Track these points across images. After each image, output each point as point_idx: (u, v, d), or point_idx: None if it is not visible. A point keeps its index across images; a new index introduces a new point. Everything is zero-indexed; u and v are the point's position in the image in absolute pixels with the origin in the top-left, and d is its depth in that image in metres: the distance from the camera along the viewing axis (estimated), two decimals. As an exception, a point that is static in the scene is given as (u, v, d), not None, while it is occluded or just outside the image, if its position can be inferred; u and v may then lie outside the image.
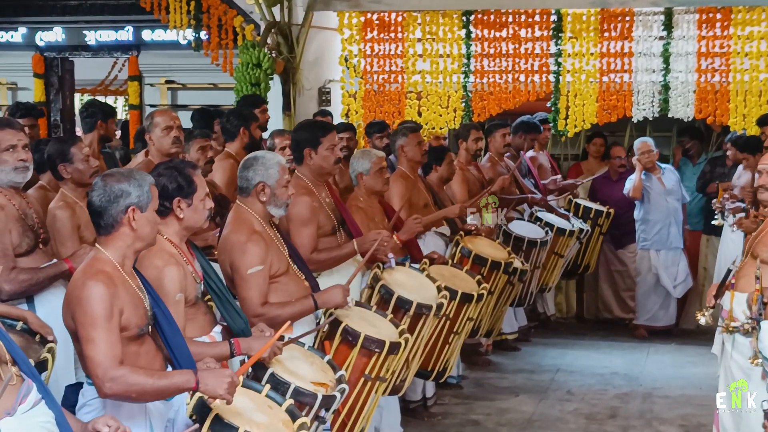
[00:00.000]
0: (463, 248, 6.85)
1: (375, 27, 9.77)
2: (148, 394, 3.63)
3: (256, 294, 4.73)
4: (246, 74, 9.65)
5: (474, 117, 9.64)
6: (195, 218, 4.24)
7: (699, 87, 9.14)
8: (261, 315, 4.66)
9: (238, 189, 4.95)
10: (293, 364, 4.27)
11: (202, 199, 4.24)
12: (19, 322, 4.40)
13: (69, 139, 5.72)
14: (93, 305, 3.56)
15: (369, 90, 9.88)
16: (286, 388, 3.98)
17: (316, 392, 4.07)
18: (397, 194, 6.86)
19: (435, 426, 6.87)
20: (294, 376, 4.13)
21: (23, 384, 3.15)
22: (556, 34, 9.37)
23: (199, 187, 4.23)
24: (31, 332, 4.37)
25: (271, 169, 4.85)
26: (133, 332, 3.70)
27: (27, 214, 4.94)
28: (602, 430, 6.82)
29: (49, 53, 12.90)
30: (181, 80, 13.00)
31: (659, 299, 9.47)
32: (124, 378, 3.54)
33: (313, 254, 5.50)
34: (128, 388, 3.55)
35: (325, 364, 4.43)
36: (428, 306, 5.49)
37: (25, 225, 4.88)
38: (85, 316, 3.57)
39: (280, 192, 4.86)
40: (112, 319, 3.58)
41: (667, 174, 9.38)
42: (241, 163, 4.99)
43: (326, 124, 6.17)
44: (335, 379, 4.33)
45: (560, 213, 8.75)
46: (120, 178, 3.77)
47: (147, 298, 3.81)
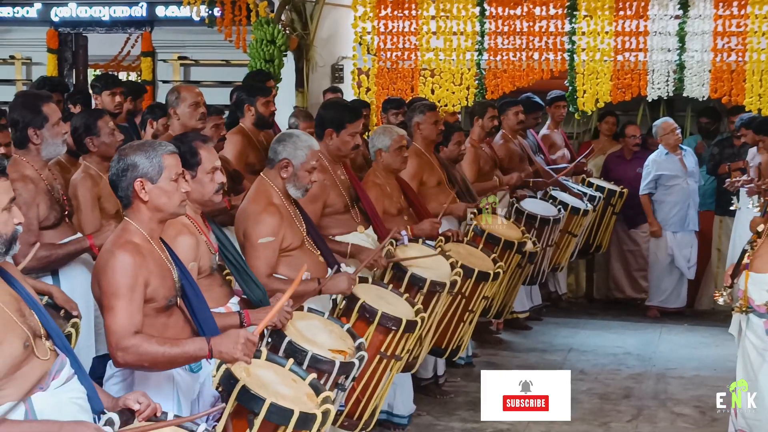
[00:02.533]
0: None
1: (389, 4, 9.74)
2: (161, 363, 3.64)
3: (263, 264, 4.77)
4: (260, 51, 9.66)
5: (487, 95, 9.61)
6: (199, 191, 4.24)
7: (714, 66, 9.09)
8: (264, 285, 4.67)
9: (267, 160, 5.01)
10: (311, 332, 4.30)
11: (209, 172, 4.24)
12: (45, 297, 4.42)
13: (95, 112, 5.82)
14: (117, 274, 3.59)
15: (382, 67, 9.86)
16: (303, 356, 4.02)
17: (334, 359, 4.09)
18: (409, 172, 6.84)
19: (447, 404, 6.91)
20: (311, 343, 4.16)
21: (57, 359, 3.19)
22: (570, 13, 9.32)
23: (205, 161, 4.24)
24: (56, 307, 4.41)
25: (300, 151, 4.89)
26: (161, 303, 3.73)
27: (54, 187, 5.03)
28: (616, 410, 6.81)
29: (64, 29, 12.98)
30: (194, 56, 13.03)
31: (673, 281, 9.47)
32: (135, 348, 3.56)
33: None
34: (140, 357, 3.57)
35: (344, 332, 4.45)
36: (442, 284, 5.49)
37: (52, 198, 4.97)
38: (108, 285, 3.60)
39: (302, 174, 4.90)
40: (135, 290, 3.60)
41: (687, 156, 9.39)
42: (276, 136, 5.05)
43: (356, 110, 6.11)
44: (354, 347, 4.34)
45: (573, 192, 8.73)
46: (130, 151, 3.78)
47: (175, 270, 3.83)
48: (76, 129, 5.46)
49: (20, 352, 3.05)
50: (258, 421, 3.52)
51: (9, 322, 3.06)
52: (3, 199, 3.09)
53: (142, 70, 13.42)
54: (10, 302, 3.12)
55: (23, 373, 3.07)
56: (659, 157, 9.39)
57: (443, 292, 5.53)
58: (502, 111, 8.59)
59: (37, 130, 4.88)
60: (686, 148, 9.49)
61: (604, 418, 6.65)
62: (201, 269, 4.20)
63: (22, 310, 3.15)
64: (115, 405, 3.30)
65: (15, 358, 3.03)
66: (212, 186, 4.26)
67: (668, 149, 9.31)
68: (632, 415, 6.73)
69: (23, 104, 4.97)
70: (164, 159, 3.77)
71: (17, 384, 3.05)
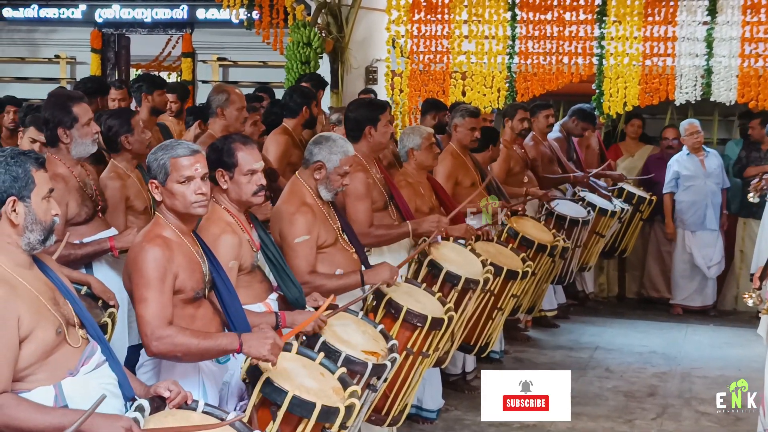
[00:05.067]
0: (510, 229, 6.89)
1: (422, 8, 9.88)
2: (194, 355, 3.71)
3: (303, 263, 4.83)
4: (296, 53, 9.88)
5: (518, 97, 9.72)
6: (237, 191, 4.27)
7: (742, 72, 9.15)
8: (307, 283, 4.74)
9: (303, 160, 5.07)
10: (346, 332, 4.32)
11: (245, 174, 4.25)
12: (84, 287, 4.51)
13: (129, 112, 5.90)
14: (147, 267, 3.67)
15: (414, 69, 10.00)
16: (337, 356, 4.03)
17: (367, 361, 4.11)
18: (443, 172, 6.96)
19: (475, 399, 6.87)
20: (345, 344, 4.19)
21: (88, 346, 3.29)
22: (600, 18, 9.44)
23: (242, 163, 4.25)
24: (94, 297, 4.51)
25: (334, 155, 4.94)
26: (189, 295, 3.80)
27: (86, 184, 5.08)
28: (641, 408, 6.86)
29: (107, 29, 13.19)
30: (233, 57, 13.20)
31: (695, 280, 9.54)
32: (170, 338, 3.63)
33: (371, 228, 5.61)
34: (174, 347, 3.64)
35: (377, 333, 4.48)
36: (476, 281, 5.52)
37: (84, 194, 5.01)
38: (139, 277, 3.68)
39: (334, 178, 4.95)
40: (165, 282, 3.68)
41: (710, 158, 9.45)
42: (314, 137, 5.12)
43: (381, 102, 6.27)
44: (387, 348, 4.36)
45: (603, 193, 8.80)
46: (152, 151, 3.88)
47: (206, 264, 3.90)
48: (110, 127, 5.51)
49: (52, 339, 3.14)
50: (281, 413, 3.55)
51: (43, 310, 3.15)
52: (44, 189, 3.20)
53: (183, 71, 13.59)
54: (45, 291, 3.21)
55: (55, 359, 3.16)
56: (681, 157, 9.49)
57: (476, 290, 5.56)
58: (533, 113, 8.67)
59: (67, 130, 4.92)
60: (710, 150, 9.55)
61: (629, 416, 6.71)
62: (242, 266, 4.25)
63: (56, 299, 3.24)
64: (146, 392, 3.37)
65: (47, 344, 3.13)
66: (250, 188, 4.27)
67: (690, 150, 9.40)
68: (657, 413, 6.77)
69: (54, 104, 5.01)
70: (170, 162, 3.80)
71: (49, 369, 3.15)
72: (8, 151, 3.19)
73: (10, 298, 3.06)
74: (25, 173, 3.15)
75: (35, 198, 3.17)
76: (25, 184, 3.15)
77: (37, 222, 3.18)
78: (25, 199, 3.15)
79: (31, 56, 13.86)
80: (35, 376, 3.13)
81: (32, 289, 3.16)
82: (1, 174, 3.12)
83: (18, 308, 3.06)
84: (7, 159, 3.14)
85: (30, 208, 3.16)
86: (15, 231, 3.16)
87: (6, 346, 3.03)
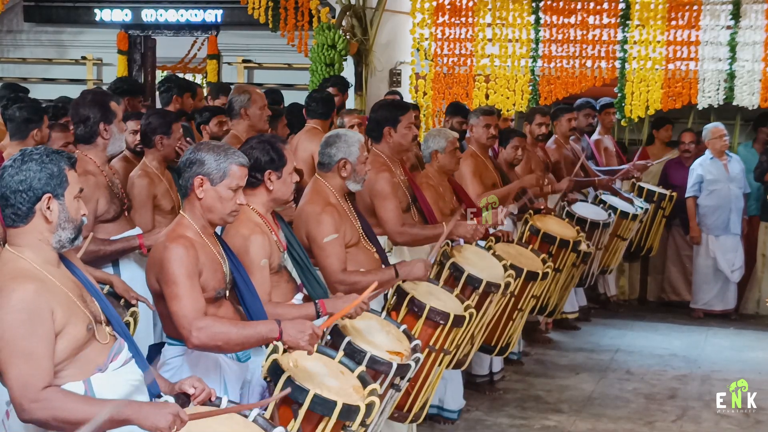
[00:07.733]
0: (532, 226, 6.93)
1: (446, 11, 9.97)
2: (234, 343, 3.73)
3: (335, 261, 4.85)
4: (321, 55, 9.95)
5: (540, 100, 9.79)
6: (283, 190, 4.38)
7: (765, 76, 9.18)
8: (342, 281, 4.79)
9: (318, 164, 5.11)
10: (370, 332, 4.38)
11: (291, 172, 4.39)
12: (106, 286, 4.56)
13: (173, 115, 6.01)
14: (174, 264, 3.72)
15: (438, 72, 10.08)
16: (362, 357, 4.06)
17: (392, 361, 4.13)
18: (467, 173, 7.00)
19: (497, 400, 7.01)
20: (370, 344, 4.23)
21: (116, 343, 3.33)
22: (623, 22, 9.48)
23: (289, 161, 4.38)
24: (116, 296, 4.56)
25: (353, 147, 5.01)
26: (210, 294, 3.83)
27: (113, 183, 5.18)
28: (662, 410, 6.88)
29: (133, 31, 13.30)
30: (258, 60, 13.26)
31: (717, 284, 9.53)
32: (209, 327, 3.67)
33: (404, 227, 5.66)
34: (214, 336, 3.67)
35: (400, 333, 4.51)
36: (497, 285, 5.54)
37: (112, 193, 5.10)
38: (168, 276, 3.73)
39: (359, 168, 5.02)
40: (194, 277, 3.73)
41: (732, 162, 9.45)
42: (323, 140, 5.17)
43: (404, 103, 6.31)
44: (410, 348, 4.39)
45: (624, 196, 8.80)
46: (205, 147, 3.93)
47: (227, 264, 3.95)
48: (150, 123, 5.64)
49: (83, 335, 3.17)
50: (302, 411, 3.57)
51: (73, 307, 3.18)
52: (75, 188, 3.24)
53: (208, 72, 13.66)
54: (73, 289, 3.24)
55: (85, 356, 3.19)
56: (704, 161, 9.47)
57: (498, 293, 5.58)
58: (555, 117, 8.71)
59: (107, 126, 5.03)
60: (732, 155, 9.55)
61: (649, 418, 6.74)
62: (271, 266, 4.29)
63: (84, 297, 3.27)
64: (171, 389, 3.40)
65: (78, 340, 3.16)
66: (292, 185, 4.42)
67: (714, 154, 9.40)
68: (677, 415, 6.80)
69: (93, 101, 5.09)
70: (231, 167, 3.87)
71: (79, 365, 3.18)
72: (43, 150, 3.25)
73: (43, 293, 3.11)
74: (60, 171, 3.21)
75: (68, 196, 3.23)
76: (60, 183, 3.21)
77: (70, 220, 3.23)
78: (60, 197, 3.21)
79: (58, 57, 13.99)
80: (66, 372, 3.17)
81: (62, 286, 3.20)
82: (38, 171, 3.18)
83: (51, 303, 3.11)
84: (43, 157, 3.20)
85: (63, 206, 3.22)
86: (48, 228, 3.21)
87: (45, 340, 3.08)
